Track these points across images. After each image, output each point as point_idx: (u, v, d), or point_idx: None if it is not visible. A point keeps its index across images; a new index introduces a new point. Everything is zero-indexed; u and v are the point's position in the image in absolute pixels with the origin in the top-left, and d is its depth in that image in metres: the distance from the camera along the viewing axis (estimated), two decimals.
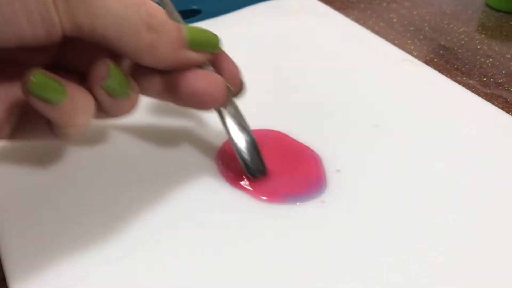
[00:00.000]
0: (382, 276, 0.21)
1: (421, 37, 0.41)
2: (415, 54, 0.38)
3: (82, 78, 0.21)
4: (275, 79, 0.34)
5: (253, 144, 0.25)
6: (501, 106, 0.33)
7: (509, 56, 0.38)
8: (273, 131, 0.29)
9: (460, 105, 0.31)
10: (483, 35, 0.41)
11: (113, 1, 0.19)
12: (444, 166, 0.27)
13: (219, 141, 0.28)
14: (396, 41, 0.40)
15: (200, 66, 0.23)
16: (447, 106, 0.31)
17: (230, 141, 0.25)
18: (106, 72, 0.20)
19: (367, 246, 0.23)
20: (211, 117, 0.30)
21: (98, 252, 0.22)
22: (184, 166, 0.27)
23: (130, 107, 0.22)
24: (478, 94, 0.32)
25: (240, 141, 0.25)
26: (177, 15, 0.25)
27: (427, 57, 0.38)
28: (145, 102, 0.31)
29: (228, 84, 0.24)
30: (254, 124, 0.29)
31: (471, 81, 0.35)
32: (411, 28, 0.42)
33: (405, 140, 0.29)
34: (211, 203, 0.25)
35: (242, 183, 0.25)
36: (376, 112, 0.31)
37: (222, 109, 0.25)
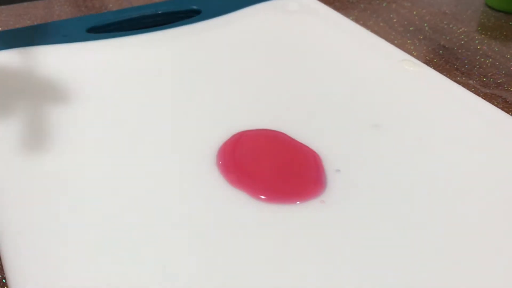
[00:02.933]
0: (382, 276, 0.21)
1: (421, 37, 0.41)
2: (415, 54, 0.38)
3: None
4: (275, 79, 0.34)
5: None
6: (501, 106, 0.33)
7: (509, 56, 0.39)
8: (273, 131, 0.29)
9: (460, 105, 0.31)
10: (483, 35, 0.41)
11: None
12: (443, 166, 0.27)
13: (219, 141, 0.28)
14: (396, 41, 0.40)
15: None
16: (447, 106, 0.31)
17: None
18: None
19: (367, 246, 0.23)
20: (211, 117, 0.30)
21: (98, 251, 0.22)
22: (184, 165, 0.27)
23: None
24: (478, 94, 0.32)
25: None
26: None
27: (427, 57, 0.38)
28: (144, 101, 0.31)
29: None
30: (254, 124, 0.29)
31: (471, 81, 0.35)
32: (411, 28, 0.42)
33: (405, 140, 0.29)
34: (210, 203, 0.25)
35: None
36: (376, 112, 0.31)
37: None
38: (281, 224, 0.24)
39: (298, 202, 0.25)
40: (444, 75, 0.34)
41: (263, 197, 0.25)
